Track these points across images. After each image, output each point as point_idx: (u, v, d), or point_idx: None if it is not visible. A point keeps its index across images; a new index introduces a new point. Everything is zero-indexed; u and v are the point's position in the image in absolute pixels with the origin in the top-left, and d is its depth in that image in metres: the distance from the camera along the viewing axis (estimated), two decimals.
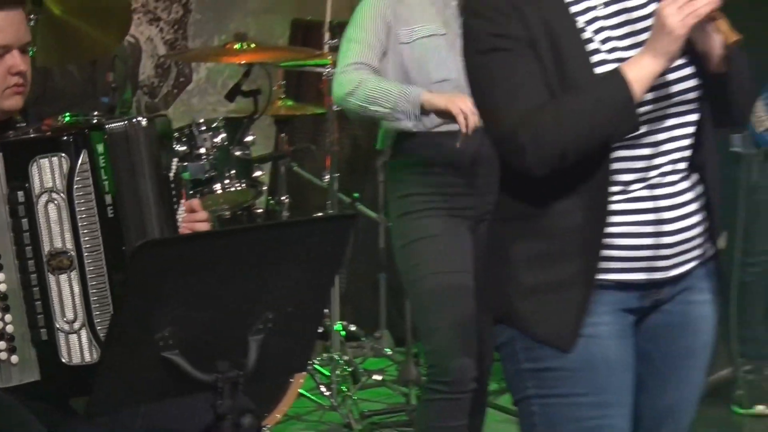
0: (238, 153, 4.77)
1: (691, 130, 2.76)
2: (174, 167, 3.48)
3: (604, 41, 2.70)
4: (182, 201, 3.46)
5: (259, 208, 5.16)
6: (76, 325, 3.06)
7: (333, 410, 5.04)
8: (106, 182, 3.09)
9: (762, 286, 5.40)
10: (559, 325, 2.70)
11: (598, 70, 2.67)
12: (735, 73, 2.72)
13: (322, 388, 5.09)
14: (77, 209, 3.06)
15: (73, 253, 3.06)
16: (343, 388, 5.13)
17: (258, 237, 2.90)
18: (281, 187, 5.32)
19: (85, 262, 3.06)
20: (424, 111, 3.78)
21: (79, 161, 3.06)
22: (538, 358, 2.74)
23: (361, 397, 5.21)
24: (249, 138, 4.90)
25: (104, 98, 4.84)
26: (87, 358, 3.04)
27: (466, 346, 3.83)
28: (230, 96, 5.10)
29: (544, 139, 2.62)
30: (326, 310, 5.35)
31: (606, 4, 2.73)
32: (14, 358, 3.03)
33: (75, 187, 3.07)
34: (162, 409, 3.07)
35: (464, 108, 3.65)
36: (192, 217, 3.36)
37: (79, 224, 3.07)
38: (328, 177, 5.33)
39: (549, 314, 2.72)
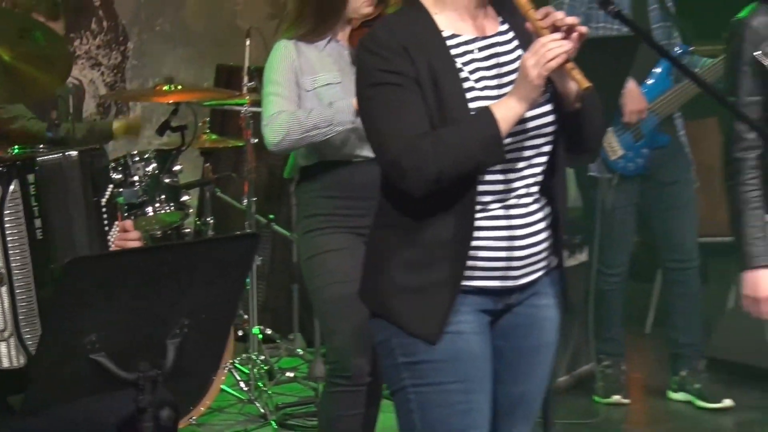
0: (167, 180, 4.94)
1: (545, 159, 2.92)
2: (108, 193, 3.50)
3: (477, 80, 2.85)
4: (117, 222, 3.48)
5: (188, 228, 5.29)
6: (6, 334, 3.07)
7: (251, 403, 5.13)
8: (36, 208, 3.11)
9: (617, 294, 5.56)
10: (428, 322, 2.84)
11: (472, 104, 2.81)
12: (587, 112, 2.88)
13: (242, 384, 5.18)
14: (7, 231, 3.08)
15: (3, 270, 3.07)
16: (260, 384, 5.22)
17: (174, 253, 2.93)
18: (207, 210, 5.43)
19: (14, 278, 3.09)
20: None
21: (10, 189, 3.07)
22: (411, 352, 2.86)
23: (275, 391, 5.31)
24: (177, 167, 5.03)
25: (48, 132, 4.90)
26: (15, 363, 3.07)
27: (363, 345, 3.87)
28: (160, 131, 5.20)
29: (423, 166, 2.74)
30: (246, 316, 5.49)
31: (480, 49, 2.89)
32: None
33: (6, 212, 3.08)
34: (91, 404, 3.06)
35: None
36: (124, 236, 3.38)
37: (9, 245, 3.07)
38: (246, 201, 5.41)
39: (420, 312, 2.84)
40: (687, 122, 5.55)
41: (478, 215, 2.84)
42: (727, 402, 5.31)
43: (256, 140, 5.18)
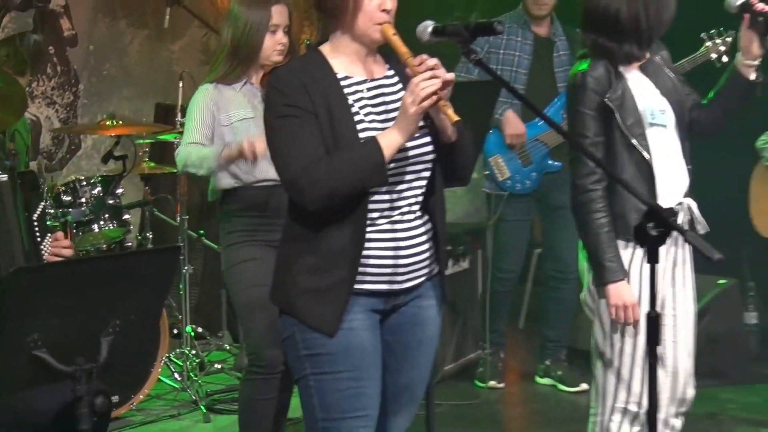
0: (111, 201, 5.17)
1: (425, 182, 3.01)
2: (39, 210, 3.54)
3: (366, 114, 2.95)
4: (49, 234, 3.50)
5: (130, 243, 5.45)
6: None
7: (184, 391, 5.26)
8: None
9: (508, 295, 5.75)
10: (326, 318, 2.92)
11: (361, 135, 2.91)
12: (459, 145, 2.99)
13: (176, 375, 5.32)
14: None
15: None
16: (192, 375, 5.32)
17: (103, 264, 2.99)
18: (147, 227, 5.56)
19: None
20: (230, 161, 3.92)
21: None
22: (311, 346, 2.94)
23: (205, 380, 5.44)
24: (119, 190, 5.26)
25: (7, 161, 4.75)
26: None
27: (276, 340, 3.79)
28: (104, 159, 5.48)
29: (318, 185, 2.84)
30: (180, 317, 5.50)
31: (369, 89, 3.00)
32: None
33: None
34: (32, 394, 2.99)
35: (247, 146, 3.82)
36: (58, 244, 3.41)
37: None
38: (179, 219, 5.52)
39: (320, 310, 2.93)
40: None
41: (368, 229, 2.94)
42: (584, 386, 5.37)
43: None
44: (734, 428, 5.16)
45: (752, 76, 3.54)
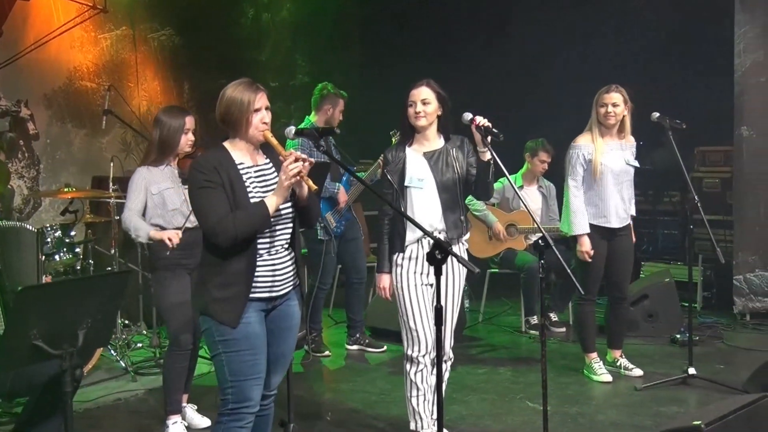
0: (67, 240, 5.24)
1: (290, 228, 3.03)
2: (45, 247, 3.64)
3: (254, 187, 2.94)
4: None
5: (78, 266, 5.38)
6: None
7: (118, 362, 5.39)
8: None
9: (323, 299, 5.77)
10: (231, 316, 2.90)
11: (252, 199, 2.89)
12: (311, 205, 3.04)
13: (112, 351, 5.46)
14: None
15: None
16: (122, 351, 5.50)
17: (82, 283, 3.07)
18: (89, 256, 5.56)
19: None
20: (154, 239, 3.91)
21: None
22: (222, 333, 2.91)
23: (132, 354, 5.63)
24: (73, 233, 5.37)
25: None
26: None
27: (188, 328, 4.04)
28: (63, 213, 5.69)
29: (227, 230, 2.82)
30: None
31: (255, 171, 2.99)
32: None
33: None
34: (32, 369, 3.05)
35: (168, 237, 3.84)
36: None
37: None
38: (113, 251, 5.70)
39: (226, 311, 2.90)
40: None
41: (257, 258, 2.93)
42: (384, 347, 5.88)
43: (117, 218, 5.41)
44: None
45: (486, 158, 3.65)
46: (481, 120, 3.57)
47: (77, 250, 5.40)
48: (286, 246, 3.00)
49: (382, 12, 9.53)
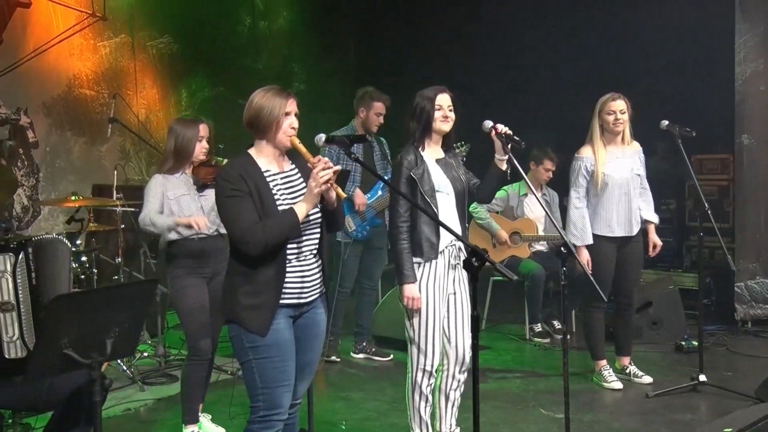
0: (74, 249, 5.12)
1: (318, 234, 3.02)
2: (72, 256, 3.56)
3: (281, 194, 2.93)
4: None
5: (83, 275, 5.40)
6: (14, 338, 3.12)
7: (125, 372, 5.37)
8: (32, 264, 3.15)
9: (345, 303, 5.79)
10: (261, 323, 2.89)
11: (280, 207, 2.88)
12: (338, 211, 3.03)
13: (119, 361, 5.35)
14: (18, 280, 3.11)
15: (14, 302, 3.11)
16: (129, 360, 5.42)
17: (110, 292, 2.96)
18: (93, 265, 5.55)
19: (21, 307, 3.13)
20: (180, 225, 3.98)
21: (19, 257, 3.12)
22: (252, 341, 2.90)
23: (138, 363, 5.58)
24: (79, 241, 5.54)
25: (3, 224, 4.19)
26: (20, 354, 3.12)
27: (206, 336, 4.05)
28: (69, 221, 5.68)
29: (257, 239, 2.80)
30: None
31: (281, 178, 2.97)
32: None
33: (17, 270, 3.11)
34: (63, 377, 3.04)
35: (194, 221, 3.91)
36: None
37: (19, 288, 3.12)
38: (119, 259, 5.69)
39: (256, 318, 2.89)
40: None
41: (287, 265, 2.92)
42: (391, 356, 5.85)
43: (123, 226, 5.61)
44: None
45: (503, 167, 3.70)
46: (502, 128, 3.59)
47: (83, 259, 5.44)
48: (315, 252, 3.00)
49: (377, 20, 9.63)
